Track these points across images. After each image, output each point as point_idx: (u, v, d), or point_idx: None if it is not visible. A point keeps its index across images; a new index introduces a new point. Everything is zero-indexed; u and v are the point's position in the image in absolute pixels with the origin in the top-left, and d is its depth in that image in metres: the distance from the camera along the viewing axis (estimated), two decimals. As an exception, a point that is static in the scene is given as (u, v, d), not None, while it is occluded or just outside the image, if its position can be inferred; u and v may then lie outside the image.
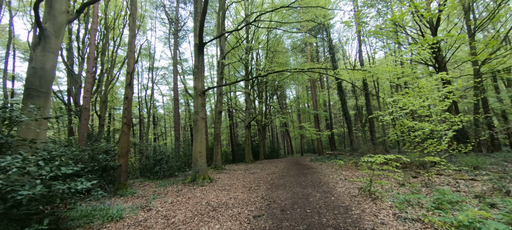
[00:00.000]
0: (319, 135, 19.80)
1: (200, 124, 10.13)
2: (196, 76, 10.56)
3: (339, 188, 6.19)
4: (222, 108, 14.20)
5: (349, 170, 9.79)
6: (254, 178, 10.14)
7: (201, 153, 9.85)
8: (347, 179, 7.55)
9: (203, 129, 10.17)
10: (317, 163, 14.63)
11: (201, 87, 10.48)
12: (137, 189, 8.70)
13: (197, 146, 9.89)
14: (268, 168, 13.86)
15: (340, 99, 17.96)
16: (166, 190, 8.19)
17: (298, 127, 31.59)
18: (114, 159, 8.18)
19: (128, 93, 8.43)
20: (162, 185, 9.07)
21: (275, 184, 7.71)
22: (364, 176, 7.62)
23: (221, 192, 7.17)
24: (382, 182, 6.37)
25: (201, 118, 10.18)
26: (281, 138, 41.13)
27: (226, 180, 9.85)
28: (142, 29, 21.74)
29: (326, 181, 7.41)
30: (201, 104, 10.32)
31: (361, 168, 9.57)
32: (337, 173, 9.11)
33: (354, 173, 8.73)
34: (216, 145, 13.77)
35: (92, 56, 10.02)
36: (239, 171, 12.98)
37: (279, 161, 19.51)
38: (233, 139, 25.96)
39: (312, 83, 21.97)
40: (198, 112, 10.19)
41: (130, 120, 8.45)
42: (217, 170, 13.11)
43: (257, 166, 15.41)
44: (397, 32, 12.99)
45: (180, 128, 20.39)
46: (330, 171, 9.96)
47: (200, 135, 10.01)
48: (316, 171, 10.51)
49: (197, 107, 10.27)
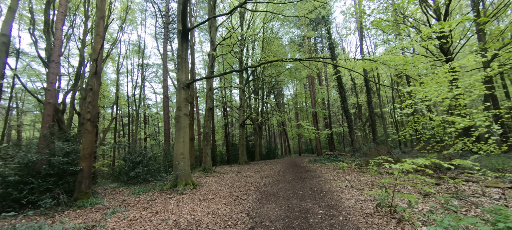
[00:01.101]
0: (318, 134, 18.43)
1: (183, 121, 8.70)
2: (180, 66, 9.13)
3: (346, 201, 4.79)
4: (213, 105, 12.77)
5: (353, 174, 8.40)
6: (245, 182, 8.73)
7: (183, 155, 8.42)
8: (353, 186, 6.15)
9: (186, 127, 8.74)
10: (316, 165, 13.24)
11: (185, 79, 9.06)
12: (106, 197, 7.26)
13: (179, 147, 8.46)
14: (263, 170, 12.46)
15: (340, 96, 16.60)
16: (137, 199, 6.77)
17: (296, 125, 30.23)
18: (76, 162, 6.73)
19: (93, 84, 6.99)
20: (136, 192, 7.64)
21: (267, 193, 6.30)
22: (375, 183, 6.24)
23: (201, 203, 5.76)
24: (401, 194, 5.00)
25: (184, 115, 8.76)
26: (278, 138, 39.74)
27: (213, 186, 8.43)
28: (129, 21, 20.26)
29: (328, 189, 6.01)
30: (185, 99, 8.89)
31: (369, 172, 8.19)
32: (340, 178, 7.72)
33: (360, 178, 7.34)
34: (206, 145, 12.34)
35: (57, 43, 8.55)
36: (230, 174, 11.56)
37: (275, 161, 18.12)
38: (228, 139, 24.51)
39: (310, 80, 20.60)
40: (181, 108, 8.77)
41: (96, 115, 7.00)
42: (206, 173, 11.69)
43: (251, 168, 14.00)
44: (398, 23, 11.68)
45: (170, 126, 18.90)
46: (331, 175, 8.57)
47: (183, 134, 8.59)
48: (316, 174, 9.11)
49: (180, 102, 8.84)
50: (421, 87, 5.90)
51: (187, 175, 8.36)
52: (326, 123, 24.17)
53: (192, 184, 8.30)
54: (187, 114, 8.91)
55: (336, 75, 15.70)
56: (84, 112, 6.81)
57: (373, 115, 16.06)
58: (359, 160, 11.20)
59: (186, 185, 8.11)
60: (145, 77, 21.71)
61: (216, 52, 11.92)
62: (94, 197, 6.87)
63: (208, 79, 12.94)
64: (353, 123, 17.10)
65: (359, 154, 14.47)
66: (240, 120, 16.91)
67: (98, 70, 7.01)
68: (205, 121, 12.62)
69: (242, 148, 16.60)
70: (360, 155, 14.32)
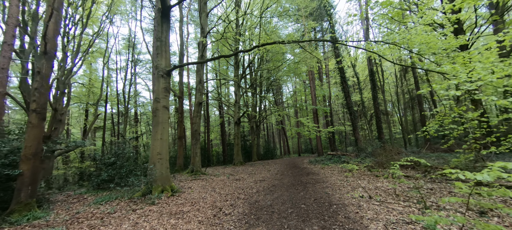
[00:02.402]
0: (319, 133, 16.92)
1: (162, 115, 7.19)
2: (159, 51, 7.62)
3: (371, 223, 3.27)
4: (202, 100, 11.25)
5: (365, 178, 6.88)
6: (235, 188, 7.22)
7: (161, 155, 6.90)
8: (372, 196, 4.63)
9: (165, 123, 7.22)
10: (317, 166, 11.72)
11: (165, 65, 7.54)
12: (59, 208, 5.74)
13: (156, 145, 6.94)
14: (259, 172, 10.94)
15: (343, 91, 15.09)
16: (96, 210, 5.26)
17: (295, 124, 28.77)
18: (15, 164, 5.22)
19: (41, 66, 5.46)
20: (100, 200, 6.11)
21: (258, 206, 4.78)
22: (400, 193, 4.71)
23: (169, 219, 4.24)
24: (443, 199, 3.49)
25: (163, 107, 7.24)
26: (277, 137, 38.19)
27: (196, 192, 6.91)
28: (120, 13, 18.75)
29: (339, 201, 4.50)
30: (164, 89, 7.38)
31: (383, 176, 6.67)
32: (350, 183, 6.19)
33: (376, 184, 5.82)
34: (194, 144, 10.82)
35: (11, 22, 7.05)
36: (221, 177, 10.05)
37: (273, 162, 16.60)
38: (224, 138, 22.98)
39: (311, 76, 19.10)
40: (159, 99, 7.25)
41: (44, 106, 5.49)
42: (193, 176, 10.16)
43: (246, 169, 12.48)
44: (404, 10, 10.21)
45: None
46: (338, 179, 7.04)
47: (161, 130, 7.07)
48: (319, 178, 7.59)
49: (158, 93, 7.33)
50: (461, 66, 4.38)
51: (164, 179, 6.84)
52: (327, 122, 22.66)
53: (171, 190, 6.78)
54: (167, 107, 7.39)
55: (339, 67, 14.19)
56: (31, 101, 5.30)
57: (379, 112, 14.56)
58: (368, 161, 9.67)
59: (163, 192, 6.59)
60: (137, 73, 20.17)
61: (205, 39, 10.41)
62: (41, 208, 5.35)
63: (197, 71, 11.43)
64: (357, 120, 15.59)
65: (365, 154, 12.96)
66: (235, 117, 15.39)
67: (48, 50, 5.49)
68: (194, 116, 11.11)
69: (237, 148, 15.08)
70: (366, 155, 12.81)
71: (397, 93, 20.77)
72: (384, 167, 8.40)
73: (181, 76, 12.62)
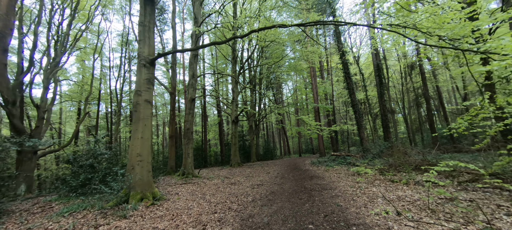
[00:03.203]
0: (321, 131, 15.85)
1: (144, 110, 6.14)
2: (142, 37, 6.57)
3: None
4: (195, 96, 10.20)
5: (379, 184, 5.80)
6: (228, 195, 6.17)
7: (141, 157, 5.85)
8: (401, 212, 3.55)
9: (147, 119, 6.17)
10: (321, 168, 10.66)
11: (148, 53, 6.49)
12: (13, 221, 4.69)
13: (136, 145, 5.89)
14: (257, 175, 9.89)
15: (348, 87, 14.02)
16: (54, 225, 4.23)
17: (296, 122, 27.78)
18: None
19: (-12, 48, 4.40)
20: (66, 211, 5.06)
21: (252, 224, 3.73)
22: (436, 207, 3.63)
23: (134, 243, 3.17)
24: None
25: (145, 102, 6.19)
26: (277, 137, 37.11)
27: (182, 200, 5.87)
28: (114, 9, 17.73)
29: (357, 218, 3.44)
30: (147, 81, 6.33)
31: (403, 182, 5.60)
32: (364, 191, 5.13)
33: (396, 193, 4.76)
34: (186, 144, 9.77)
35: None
36: (215, 180, 8.99)
37: (273, 163, 15.54)
38: (222, 138, 21.94)
39: (312, 72, 18.03)
40: (141, 92, 6.20)
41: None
42: (184, 179, 9.11)
43: (243, 171, 11.43)
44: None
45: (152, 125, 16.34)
46: (348, 185, 5.98)
47: (142, 127, 6.02)
48: (326, 183, 6.52)
49: (140, 84, 6.28)
50: None
51: (145, 185, 5.78)
52: (329, 121, 21.58)
53: (152, 198, 5.72)
54: (150, 101, 6.33)
55: (342, 61, 13.12)
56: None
57: (386, 109, 13.49)
58: (378, 163, 8.58)
59: (142, 200, 5.53)
60: (132, 70, 19.13)
61: (199, 29, 9.35)
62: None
63: (190, 64, 10.38)
64: (362, 118, 14.51)
65: (372, 155, 11.89)
66: (233, 115, 14.32)
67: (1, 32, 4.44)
68: (186, 114, 10.06)
69: (235, 148, 14.01)
70: (373, 156, 11.75)
71: (402, 91, 19.70)
72: (398, 169, 7.33)
73: (173, 71, 11.58)
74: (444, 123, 21.10)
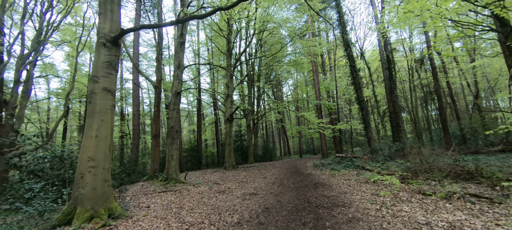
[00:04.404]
0: (323, 130, 14.37)
1: (101, 101, 4.69)
2: (102, 9, 5.12)
3: None
4: (180, 89, 8.74)
5: (408, 198, 4.32)
6: (210, 210, 4.72)
7: (94, 162, 4.40)
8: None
9: (106, 113, 4.72)
10: (325, 172, 9.17)
11: (110, 29, 5.05)
12: None
13: (88, 146, 4.44)
14: (251, 180, 8.42)
15: (354, 82, 12.51)
16: None
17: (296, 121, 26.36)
18: None
19: None
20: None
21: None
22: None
23: None
24: None
25: (103, 90, 4.74)
26: (277, 137, 35.59)
27: (149, 218, 4.43)
28: None
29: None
30: (106, 64, 4.88)
31: (438, 193, 4.11)
32: (395, 212, 3.65)
33: (441, 214, 3.28)
34: (170, 144, 8.31)
35: None
36: (202, 186, 7.54)
37: (271, 165, 14.05)
38: (218, 138, 20.49)
39: (314, 67, 16.56)
40: (98, 77, 4.76)
41: None
42: (166, 185, 7.64)
43: (237, 175, 9.97)
44: None
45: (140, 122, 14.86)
46: (366, 199, 4.50)
47: (98, 123, 4.58)
48: (335, 195, 5.05)
49: (97, 69, 4.83)
50: None
51: (98, 199, 4.33)
52: (332, 120, 20.08)
53: (108, 216, 4.27)
54: (110, 90, 4.88)
55: (348, 53, 11.63)
56: None
57: (397, 106, 11.99)
58: (395, 167, 7.08)
59: (92, 219, 4.08)
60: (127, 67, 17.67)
61: (184, 10, 7.90)
62: None
63: (176, 53, 8.92)
64: (369, 117, 13.01)
65: (383, 157, 10.41)
66: (227, 112, 12.86)
67: None
68: (170, 110, 8.60)
69: (229, 148, 12.55)
70: (385, 158, 10.26)
71: (410, 88, 18.17)
72: (424, 176, 5.84)
73: (158, 62, 10.13)
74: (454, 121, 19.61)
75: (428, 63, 17.50)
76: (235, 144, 19.96)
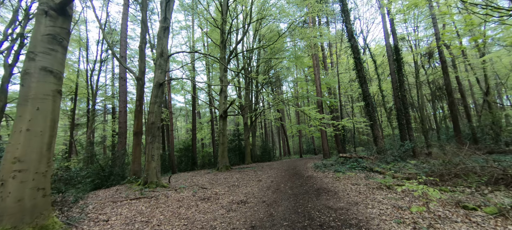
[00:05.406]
0: (325, 127, 13.17)
1: (38, 85, 3.55)
2: (46, -30, 3.95)
3: None
4: (163, 79, 7.59)
5: (445, 214, 3.12)
6: (184, 224, 3.53)
7: (22, 163, 3.24)
8: None
9: (44, 100, 3.56)
10: (328, 175, 7.98)
11: (54, -5, 3.88)
12: None
13: (15, 143, 3.29)
14: (244, 184, 7.26)
15: (358, 75, 11.30)
16: None
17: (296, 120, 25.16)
18: None
19: None
20: None
21: None
22: None
23: None
24: None
25: (41, 70, 3.60)
26: (276, 136, 34.36)
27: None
28: None
29: None
30: (48, 37, 3.75)
31: (484, 207, 2.90)
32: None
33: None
34: (150, 143, 7.16)
35: None
36: (185, 192, 6.38)
37: (269, 166, 12.87)
38: (214, 137, 19.32)
39: (315, 61, 15.37)
40: (36, 54, 3.63)
41: None
42: (144, 189, 6.47)
43: (229, 178, 8.80)
44: None
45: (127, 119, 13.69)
46: (387, 214, 3.31)
47: (32, 113, 3.43)
48: (345, 210, 3.87)
49: (36, 43, 3.70)
50: None
51: (25, 214, 3.16)
52: (333, 118, 18.86)
53: (37, 239, 3.10)
54: (53, 70, 3.72)
55: (352, 45, 10.43)
56: None
57: (407, 102, 10.77)
58: (416, 172, 5.85)
59: (10, 245, 2.91)
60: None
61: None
62: None
63: (159, 39, 7.77)
64: (375, 114, 11.80)
65: (392, 157, 9.19)
66: (221, 109, 11.69)
67: None
68: (151, 103, 7.45)
69: (223, 148, 11.37)
70: (394, 158, 9.05)
71: (417, 84, 16.92)
72: (453, 181, 4.63)
73: (142, 51, 9.01)
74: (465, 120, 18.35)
75: (436, 58, 16.27)
76: (232, 143, 18.78)
